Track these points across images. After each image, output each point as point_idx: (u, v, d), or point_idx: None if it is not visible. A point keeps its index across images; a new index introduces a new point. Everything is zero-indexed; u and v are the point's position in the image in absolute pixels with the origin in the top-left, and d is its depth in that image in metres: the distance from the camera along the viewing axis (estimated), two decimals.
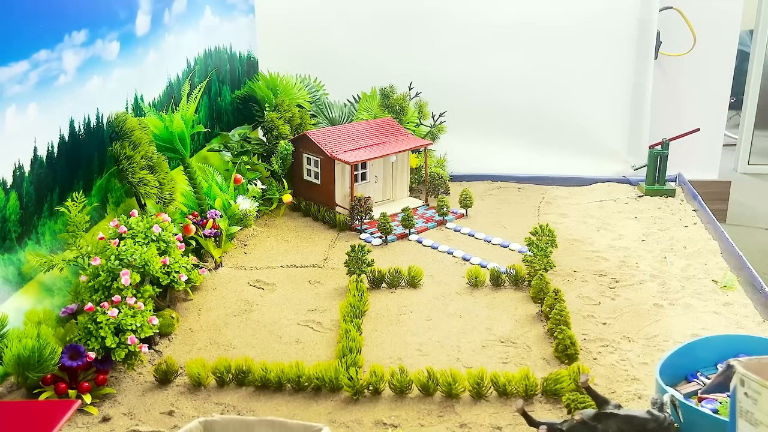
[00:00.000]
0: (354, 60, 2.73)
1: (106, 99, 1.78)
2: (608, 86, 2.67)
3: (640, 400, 1.34)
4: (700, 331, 1.57)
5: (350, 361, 1.40)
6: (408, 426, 1.28)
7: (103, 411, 1.34)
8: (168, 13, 2.06)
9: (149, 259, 1.50)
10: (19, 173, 1.47)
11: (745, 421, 0.92)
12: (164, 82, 2.06)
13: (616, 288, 1.78)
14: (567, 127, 2.71)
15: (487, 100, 2.73)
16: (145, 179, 1.78)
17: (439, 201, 2.22)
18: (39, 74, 1.51)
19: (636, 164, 2.66)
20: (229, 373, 1.41)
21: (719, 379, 1.20)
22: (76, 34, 1.64)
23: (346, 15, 2.75)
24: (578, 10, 2.63)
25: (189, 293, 1.76)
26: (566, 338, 1.45)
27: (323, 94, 2.63)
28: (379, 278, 1.79)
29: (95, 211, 1.73)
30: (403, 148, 2.24)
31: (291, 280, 1.86)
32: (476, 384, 1.34)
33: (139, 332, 1.42)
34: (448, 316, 1.66)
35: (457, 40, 2.71)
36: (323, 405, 1.35)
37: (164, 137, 1.93)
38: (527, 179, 2.60)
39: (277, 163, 2.27)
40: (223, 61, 2.42)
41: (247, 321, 1.66)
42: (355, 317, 1.60)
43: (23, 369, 1.32)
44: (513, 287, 1.79)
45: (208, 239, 1.88)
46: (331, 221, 2.19)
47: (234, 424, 1.07)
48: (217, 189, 2.06)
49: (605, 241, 2.06)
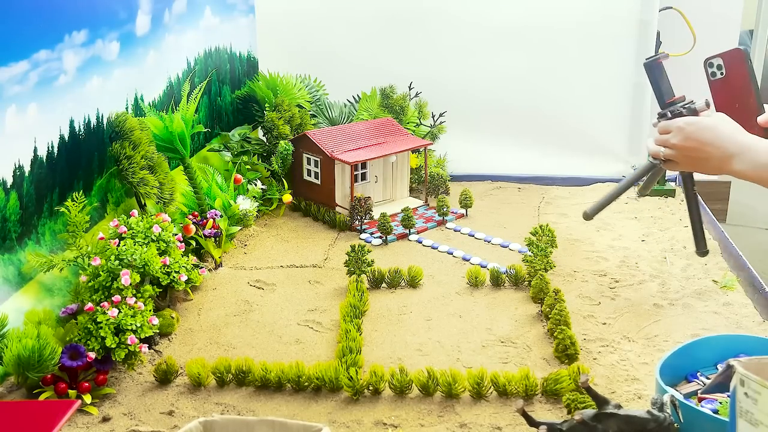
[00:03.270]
0: (354, 60, 2.73)
1: (106, 99, 1.78)
2: (608, 86, 2.67)
3: (640, 400, 1.34)
4: (700, 331, 1.57)
5: (350, 361, 1.40)
6: (408, 426, 1.29)
7: (103, 411, 1.34)
8: (168, 13, 2.06)
9: (149, 259, 1.50)
10: (19, 173, 1.47)
11: (745, 421, 0.92)
12: (164, 82, 2.06)
13: (616, 288, 1.78)
14: (567, 127, 2.70)
15: (487, 100, 2.73)
16: (145, 179, 1.78)
17: (439, 201, 2.22)
18: (39, 74, 1.51)
19: (636, 164, 2.66)
20: (229, 373, 1.41)
21: (719, 379, 1.20)
22: (76, 34, 1.64)
23: (346, 15, 2.75)
24: (578, 10, 2.63)
25: (189, 293, 1.76)
26: (566, 338, 1.45)
27: (323, 94, 2.63)
28: (379, 278, 1.79)
29: (95, 211, 1.73)
30: (403, 148, 2.24)
31: (291, 280, 1.86)
32: (476, 384, 1.34)
33: (139, 332, 1.42)
34: (448, 316, 1.66)
35: (458, 40, 2.71)
36: (323, 405, 1.35)
37: (164, 137, 1.93)
38: (527, 179, 2.60)
39: (277, 163, 2.27)
40: (223, 61, 2.42)
41: (247, 321, 1.66)
42: (355, 317, 1.60)
43: (23, 369, 1.32)
44: (513, 287, 1.79)
45: (208, 239, 1.88)
46: (331, 221, 2.19)
47: (234, 424, 1.07)
48: (217, 189, 2.06)
49: (605, 241, 2.06)
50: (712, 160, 1.28)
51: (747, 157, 1.23)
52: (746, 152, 1.23)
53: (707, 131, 1.30)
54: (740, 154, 1.24)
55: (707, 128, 1.30)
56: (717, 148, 1.27)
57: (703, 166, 1.31)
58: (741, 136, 1.26)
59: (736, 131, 1.27)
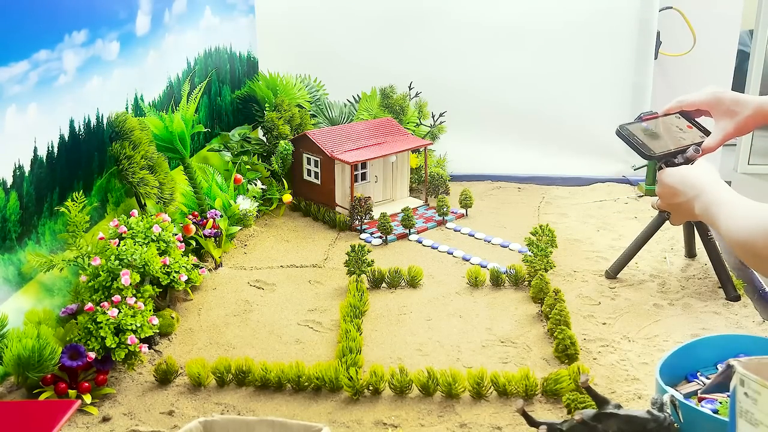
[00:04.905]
0: (354, 60, 2.73)
1: (106, 99, 1.78)
2: (608, 86, 2.67)
3: (640, 400, 1.34)
4: (700, 331, 1.57)
5: (350, 361, 1.40)
6: (408, 426, 1.29)
7: (103, 411, 1.34)
8: (168, 13, 2.06)
9: (149, 259, 1.50)
10: (19, 173, 1.47)
11: (745, 421, 0.92)
12: (164, 82, 2.06)
13: (616, 288, 1.78)
14: (567, 127, 2.71)
15: (487, 100, 2.73)
16: (145, 179, 1.78)
17: (439, 201, 2.22)
18: (39, 74, 1.51)
19: (636, 164, 2.66)
20: (229, 373, 1.41)
21: (719, 379, 1.20)
22: (76, 34, 1.64)
23: (346, 15, 2.75)
24: (578, 10, 2.63)
25: (189, 293, 1.76)
26: (566, 338, 1.45)
27: (323, 94, 2.63)
28: (379, 278, 1.79)
29: (95, 211, 1.73)
30: (403, 148, 2.24)
31: (291, 280, 1.86)
32: (476, 384, 1.34)
33: (139, 332, 1.42)
34: (448, 316, 1.66)
35: (458, 40, 2.71)
36: (323, 405, 1.35)
37: (164, 137, 1.93)
38: (527, 179, 2.60)
39: (277, 163, 2.27)
40: (223, 61, 2.42)
41: (247, 321, 1.66)
42: (355, 317, 1.60)
43: (23, 369, 1.32)
44: (513, 287, 1.79)
45: (208, 239, 1.88)
46: (331, 221, 2.19)
47: (234, 424, 1.07)
48: (217, 189, 2.06)
49: (605, 241, 2.06)
50: (683, 205, 1.31)
51: (702, 198, 1.24)
52: (701, 194, 1.24)
53: (675, 177, 1.33)
54: (698, 195, 1.25)
55: (674, 174, 1.33)
56: (683, 193, 1.30)
57: (682, 211, 1.33)
58: (702, 179, 1.27)
59: (700, 174, 1.28)
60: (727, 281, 1.72)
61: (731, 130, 1.47)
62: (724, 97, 1.49)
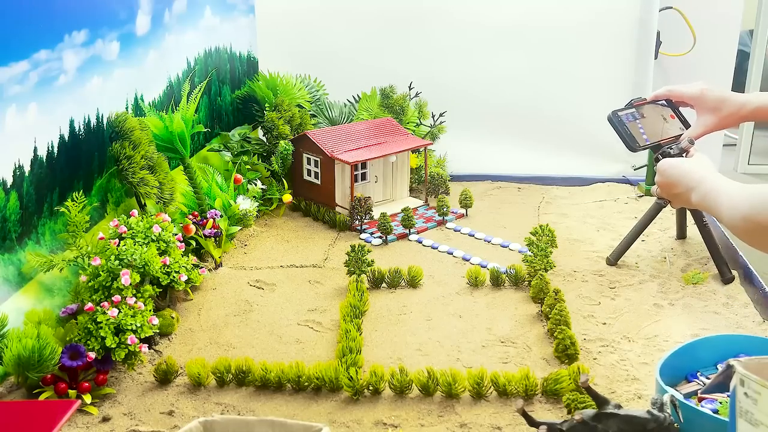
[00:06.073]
0: (354, 60, 2.73)
1: (106, 99, 1.78)
2: (608, 86, 2.67)
3: (640, 400, 1.34)
4: (700, 331, 1.57)
5: (350, 361, 1.40)
6: (408, 426, 1.29)
7: (103, 411, 1.34)
8: (168, 13, 2.06)
9: (149, 259, 1.50)
10: (19, 173, 1.47)
11: (745, 421, 0.92)
12: (164, 82, 2.06)
13: (616, 288, 1.78)
14: (567, 127, 2.70)
15: (487, 100, 2.73)
16: (145, 179, 1.78)
17: (439, 201, 2.22)
18: (39, 74, 1.51)
19: (636, 164, 2.66)
20: (229, 373, 1.41)
21: (719, 379, 1.20)
22: (76, 34, 1.64)
23: (346, 15, 2.75)
24: (578, 10, 2.63)
25: (189, 293, 1.76)
26: (566, 338, 1.45)
27: (323, 94, 2.63)
28: (379, 278, 1.79)
29: (95, 211, 1.73)
30: (403, 148, 2.24)
31: (291, 280, 1.86)
32: (476, 384, 1.34)
33: (139, 332, 1.42)
34: (448, 316, 1.66)
35: (458, 40, 2.71)
36: (323, 405, 1.35)
37: (164, 137, 1.93)
38: (527, 179, 2.60)
39: (277, 163, 2.27)
40: (223, 61, 2.42)
41: (247, 321, 1.66)
42: (355, 317, 1.60)
43: (23, 369, 1.32)
44: (513, 287, 1.79)
45: (208, 239, 1.88)
46: (331, 221, 2.19)
47: (234, 424, 1.07)
48: (217, 189, 2.06)
49: (605, 241, 2.06)
50: (682, 195, 1.39)
51: (699, 189, 1.32)
52: (699, 185, 1.32)
53: (674, 169, 1.41)
54: (695, 187, 1.33)
55: (674, 167, 1.42)
56: (681, 184, 1.38)
57: (680, 200, 1.42)
58: (700, 171, 1.35)
59: (696, 167, 1.37)
60: (721, 263, 1.80)
61: (711, 126, 1.66)
62: (709, 95, 1.66)
